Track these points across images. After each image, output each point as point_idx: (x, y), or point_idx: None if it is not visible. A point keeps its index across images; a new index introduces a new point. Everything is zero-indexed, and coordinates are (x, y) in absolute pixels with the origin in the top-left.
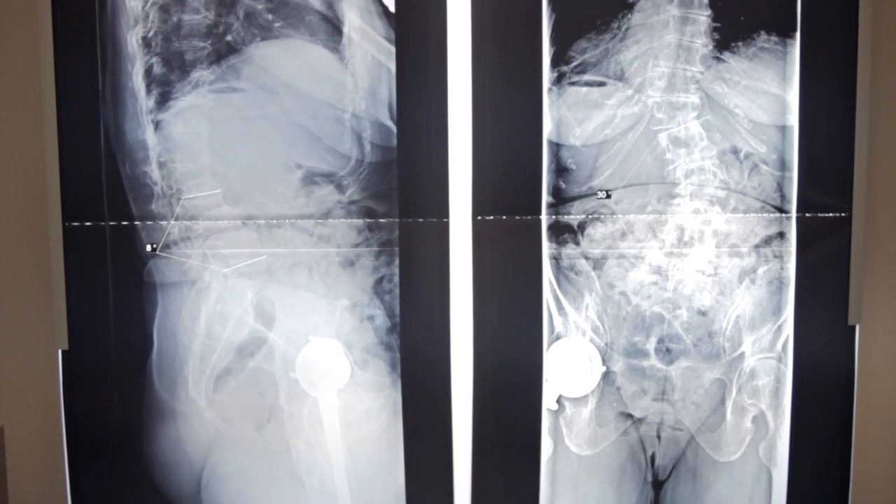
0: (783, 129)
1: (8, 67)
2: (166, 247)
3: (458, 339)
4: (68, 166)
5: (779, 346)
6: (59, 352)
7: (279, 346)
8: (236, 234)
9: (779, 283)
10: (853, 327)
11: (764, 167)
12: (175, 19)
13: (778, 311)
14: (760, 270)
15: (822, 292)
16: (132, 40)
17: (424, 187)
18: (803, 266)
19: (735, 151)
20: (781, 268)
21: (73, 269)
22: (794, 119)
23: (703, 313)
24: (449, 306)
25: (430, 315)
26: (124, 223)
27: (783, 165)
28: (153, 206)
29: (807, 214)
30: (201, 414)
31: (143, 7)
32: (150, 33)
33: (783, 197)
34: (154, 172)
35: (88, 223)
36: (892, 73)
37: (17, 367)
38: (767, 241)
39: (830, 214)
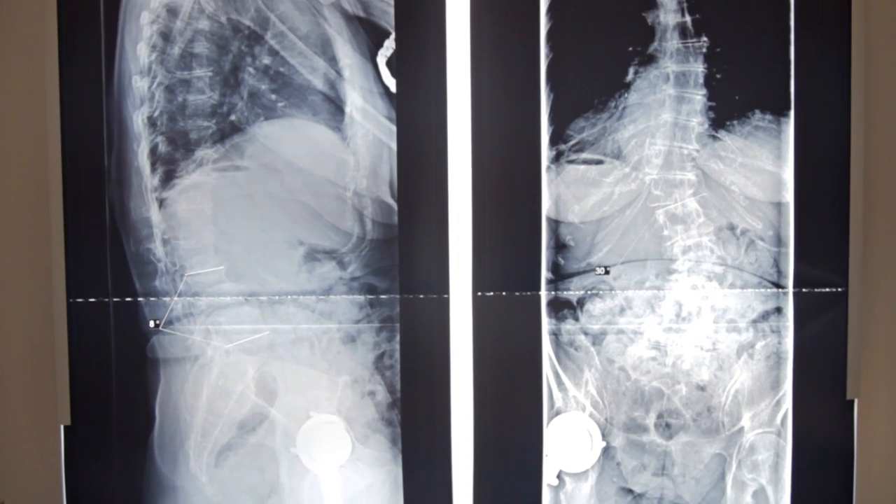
0: (779, 206)
1: (15, 144)
2: (169, 323)
3: (459, 414)
4: (73, 243)
5: (778, 420)
6: (62, 427)
7: (280, 422)
8: (239, 310)
9: (777, 358)
10: (852, 401)
11: (760, 243)
12: (181, 99)
13: (776, 385)
14: (758, 345)
15: (820, 367)
16: (138, 120)
17: (425, 264)
18: (801, 341)
19: (732, 228)
20: (779, 342)
21: (76, 344)
22: (789, 196)
23: (702, 388)
24: (449, 382)
25: (431, 390)
26: (128, 299)
27: (779, 241)
28: (157, 283)
29: (803, 290)
30: (202, 489)
31: (150, 87)
32: (156, 113)
33: (780, 272)
34: (158, 249)
35: (93, 299)
36: (884, 150)
37: (20, 441)
38: (765, 316)
39: (827, 289)
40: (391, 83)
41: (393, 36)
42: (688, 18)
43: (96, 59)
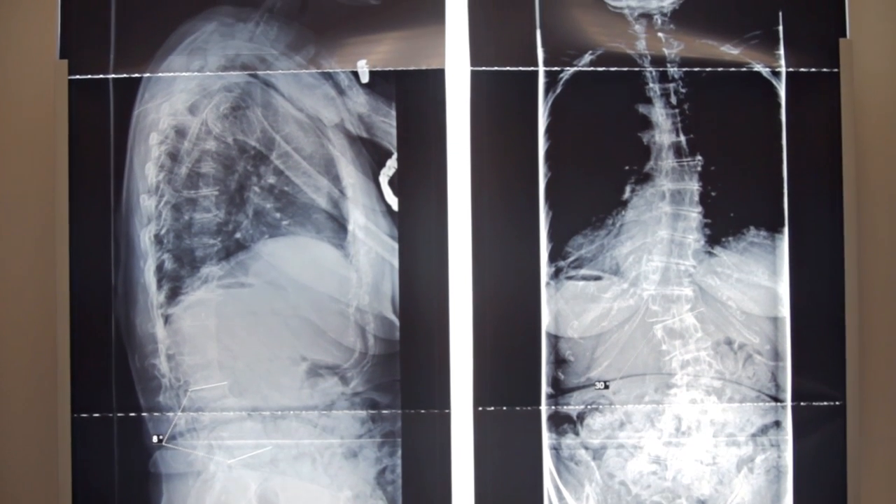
0: (775, 321)
1: (24, 259)
2: (172, 438)
3: None
4: (79, 359)
5: None
6: None
7: None
8: (241, 425)
9: (777, 472)
10: None
11: (758, 357)
12: (187, 218)
13: (777, 499)
14: (758, 459)
15: (820, 480)
16: (145, 237)
17: (426, 379)
18: (800, 454)
19: (729, 342)
20: (779, 456)
21: (79, 459)
22: (785, 310)
23: (702, 502)
24: (451, 496)
25: None
26: (132, 415)
27: (777, 355)
28: (160, 398)
29: (801, 403)
30: None
31: (157, 206)
32: (163, 231)
33: (778, 386)
34: (163, 365)
35: (97, 415)
36: (878, 265)
37: None
38: (764, 430)
39: (825, 403)
40: (393, 202)
41: (395, 156)
42: (682, 138)
43: (105, 179)
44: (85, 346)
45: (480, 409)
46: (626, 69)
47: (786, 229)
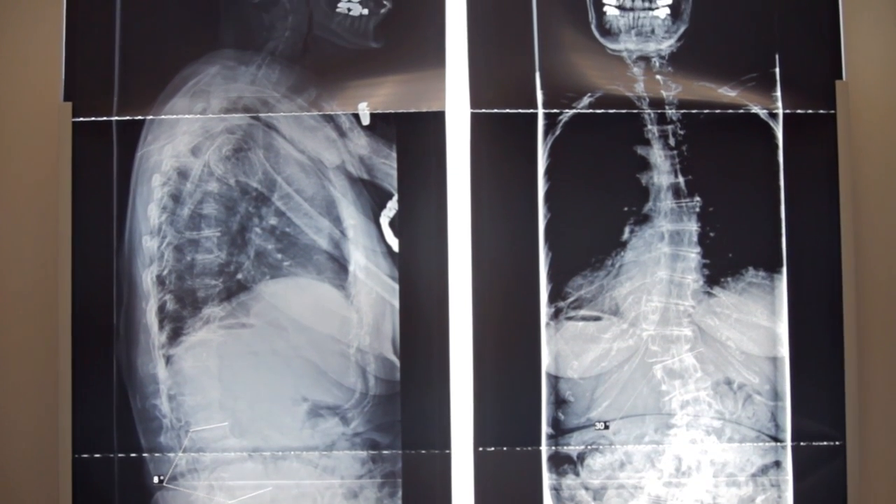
0: (774, 361)
1: (27, 301)
2: (173, 478)
3: None
4: (81, 400)
5: None
6: None
7: None
8: (242, 465)
9: None
10: None
11: (757, 397)
12: (189, 259)
13: None
14: (759, 499)
15: None
16: (147, 279)
17: (427, 419)
18: (801, 494)
19: (728, 382)
20: (779, 496)
21: (80, 500)
22: (784, 350)
23: None
24: None
25: None
26: (133, 455)
27: (776, 395)
28: (162, 439)
29: (801, 443)
30: None
31: (159, 247)
32: (165, 272)
33: (777, 426)
34: (164, 405)
35: (98, 455)
36: (877, 304)
37: None
38: (764, 470)
39: (825, 443)
40: (394, 243)
41: (395, 197)
42: (681, 179)
43: (108, 220)
44: (86, 386)
45: (481, 449)
46: (624, 111)
47: (784, 269)
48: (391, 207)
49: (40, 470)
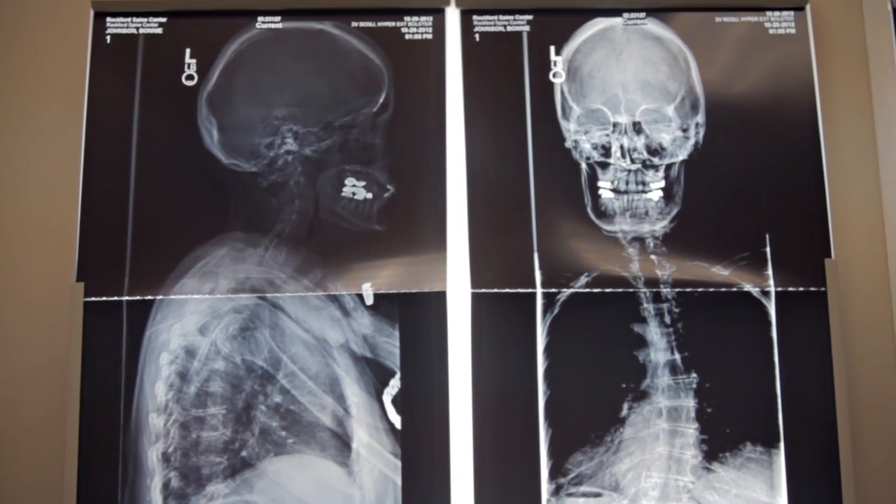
0: None
1: (30, 484)
2: None
3: None
4: None
5: None
6: None
7: None
8: None
9: None
10: None
11: None
12: (194, 436)
13: None
14: None
15: None
16: (153, 455)
17: None
18: None
19: None
20: None
21: None
22: None
23: None
24: None
25: None
26: None
27: None
28: None
29: None
30: None
31: (165, 424)
32: (170, 449)
33: None
34: None
35: None
36: (874, 478)
37: None
38: None
39: None
40: (396, 420)
41: (398, 375)
42: (677, 356)
43: (115, 397)
44: None
45: None
46: (620, 290)
47: (782, 445)
48: (394, 385)
49: None
